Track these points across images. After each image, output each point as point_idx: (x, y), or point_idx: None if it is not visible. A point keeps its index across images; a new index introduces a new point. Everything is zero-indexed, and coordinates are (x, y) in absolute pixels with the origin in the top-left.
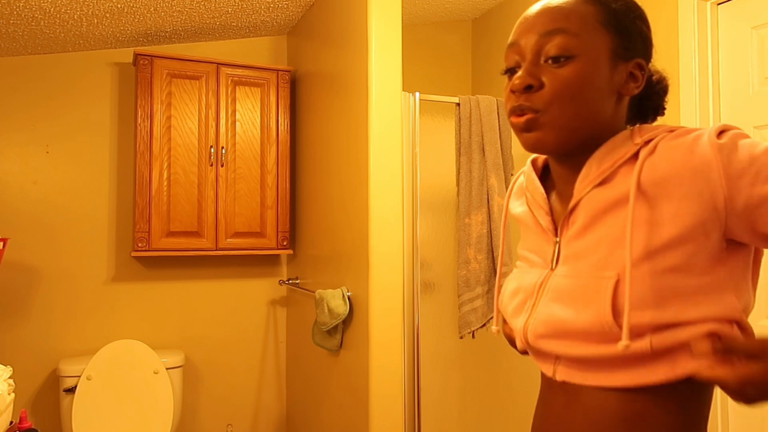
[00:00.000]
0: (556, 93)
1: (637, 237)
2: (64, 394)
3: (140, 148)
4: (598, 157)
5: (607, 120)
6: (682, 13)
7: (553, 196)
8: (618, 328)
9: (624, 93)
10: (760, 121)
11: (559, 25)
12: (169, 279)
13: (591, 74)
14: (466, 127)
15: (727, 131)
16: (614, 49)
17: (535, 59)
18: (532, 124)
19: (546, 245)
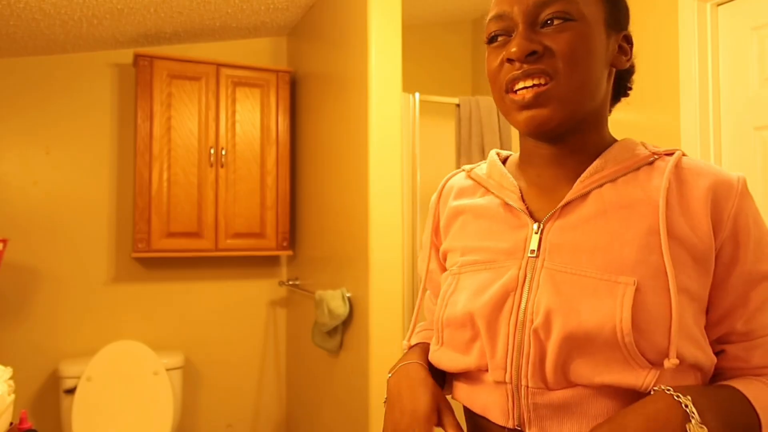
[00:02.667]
0: (566, 56)
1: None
2: (65, 394)
3: (140, 149)
4: (612, 155)
5: (602, 95)
6: (682, 13)
7: (523, 183)
8: (633, 345)
9: (616, 65)
10: (760, 122)
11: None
12: (169, 280)
13: (593, 39)
14: (466, 128)
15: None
16: (607, 18)
17: (529, 28)
18: (541, 97)
19: (510, 230)
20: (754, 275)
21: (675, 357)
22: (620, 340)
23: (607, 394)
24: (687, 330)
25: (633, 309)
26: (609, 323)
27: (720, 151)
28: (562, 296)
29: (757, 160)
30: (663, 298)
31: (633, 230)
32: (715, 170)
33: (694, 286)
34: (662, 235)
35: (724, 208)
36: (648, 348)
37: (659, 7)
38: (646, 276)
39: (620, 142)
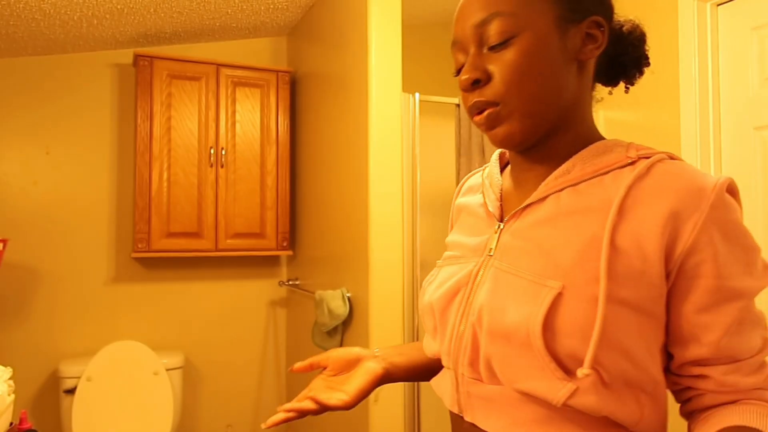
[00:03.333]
0: (506, 79)
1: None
2: (64, 395)
3: (140, 149)
4: (582, 157)
5: (572, 93)
6: (682, 13)
7: (508, 184)
8: (543, 348)
9: (583, 58)
10: (760, 122)
11: (492, 9)
12: (169, 280)
13: (538, 48)
14: (465, 128)
15: (733, 193)
16: (559, 15)
17: (477, 51)
18: (494, 119)
19: (486, 229)
20: (724, 293)
21: (589, 367)
22: (532, 342)
23: (534, 400)
24: (618, 343)
25: (551, 313)
26: (524, 324)
27: (720, 151)
28: (497, 295)
29: (757, 160)
30: (592, 306)
31: (577, 237)
32: (690, 177)
33: (640, 300)
34: (604, 244)
35: (687, 220)
36: (565, 355)
37: (659, 7)
38: (577, 282)
39: (596, 144)
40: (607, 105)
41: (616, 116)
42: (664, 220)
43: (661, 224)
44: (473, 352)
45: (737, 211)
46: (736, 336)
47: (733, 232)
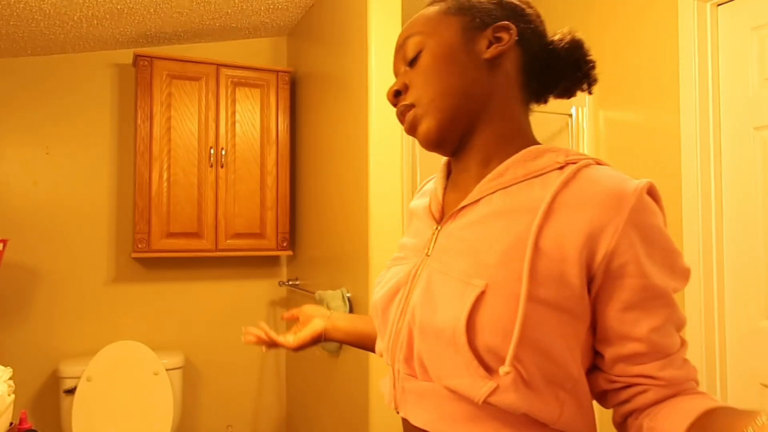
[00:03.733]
0: (419, 83)
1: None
2: (64, 395)
3: (140, 149)
4: (515, 162)
5: (484, 91)
6: (682, 13)
7: (450, 188)
8: (466, 345)
9: (488, 56)
10: (760, 122)
11: (407, 34)
12: (169, 280)
13: (442, 51)
14: None
15: (654, 197)
16: (463, 26)
17: (403, 70)
18: (413, 120)
19: (427, 230)
20: (648, 291)
21: (509, 365)
22: (457, 340)
23: (461, 398)
24: (538, 341)
25: (474, 310)
26: (451, 322)
27: (720, 151)
28: (430, 294)
29: (757, 160)
30: (513, 304)
31: (504, 237)
32: (612, 182)
33: (561, 300)
34: (529, 244)
35: (608, 223)
36: (487, 352)
37: (659, 7)
38: (499, 281)
39: (529, 149)
40: (607, 105)
41: (616, 116)
42: (585, 225)
43: (582, 229)
44: (408, 348)
45: (657, 215)
46: (664, 332)
47: (653, 235)
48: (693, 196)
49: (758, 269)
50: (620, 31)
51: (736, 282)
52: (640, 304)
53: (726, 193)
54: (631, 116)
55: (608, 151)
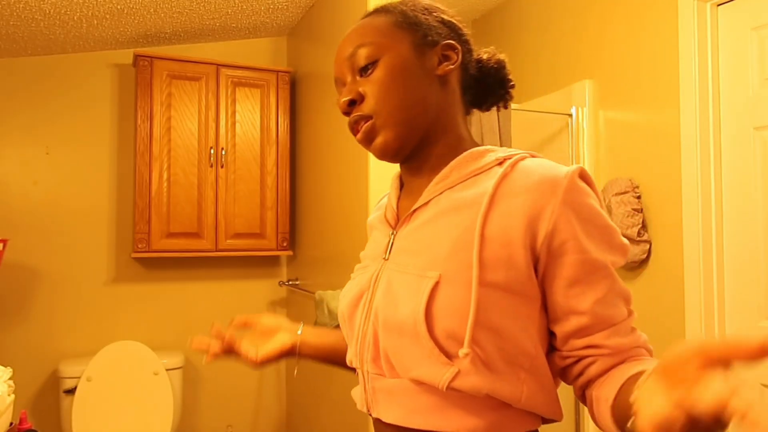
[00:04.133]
0: (376, 95)
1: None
2: (64, 395)
3: (140, 149)
4: (458, 164)
5: (437, 105)
6: (682, 13)
7: (403, 196)
8: (426, 334)
9: (441, 73)
10: (760, 122)
11: (357, 42)
12: (169, 280)
13: (399, 65)
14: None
15: (586, 180)
16: (415, 42)
17: (352, 78)
18: (370, 131)
19: (384, 237)
20: (588, 265)
21: (467, 347)
22: (418, 330)
23: (428, 389)
24: (492, 323)
25: (431, 300)
26: (412, 315)
27: (720, 151)
28: (390, 293)
29: (757, 160)
30: (466, 290)
31: (452, 230)
32: (546, 170)
33: (510, 282)
34: (476, 233)
35: (545, 206)
36: (446, 338)
37: (659, 7)
38: (452, 270)
39: (470, 151)
40: (607, 105)
41: (616, 116)
42: (525, 210)
43: (524, 213)
44: (375, 348)
45: (590, 195)
46: (608, 303)
47: (588, 213)
48: (693, 196)
49: (758, 269)
50: (620, 31)
51: (736, 282)
52: (582, 278)
53: (726, 193)
54: (631, 116)
55: (608, 151)
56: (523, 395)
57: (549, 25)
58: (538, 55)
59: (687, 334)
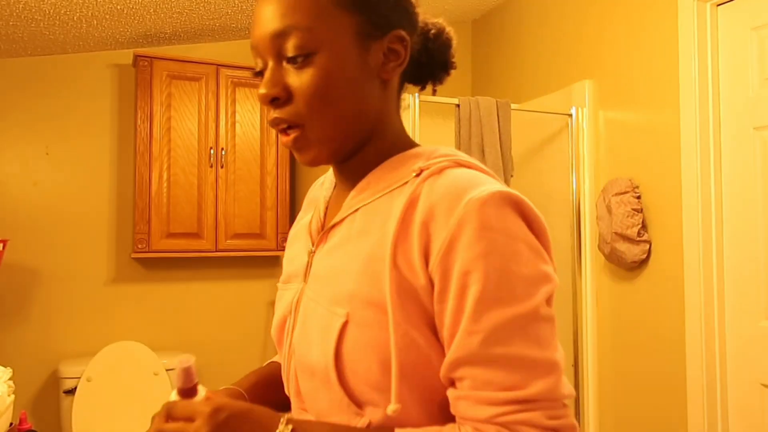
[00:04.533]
0: (308, 102)
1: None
2: (64, 395)
3: (140, 150)
4: (376, 175)
5: (376, 109)
6: (682, 14)
7: (332, 201)
8: (337, 383)
9: (386, 77)
10: (760, 122)
11: (288, 21)
12: (169, 280)
13: (338, 68)
14: (465, 129)
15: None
16: (360, 30)
17: (275, 63)
18: (300, 143)
19: (303, 254)
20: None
21: (396, 402)
22: (329, 375)
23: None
24: (410, 368)
25: (340, 342)
26: (323, 358)
27: (720, 151)
28: (305, 329)
29: (756, 160)
30: (380, 331)
31: (359, 258)
32: (449, 189)
33: (424, 316)
34: (387, 264)
35: (435, 237)
36: (357, 386)
37: (659, 7)
38: (359, 308)
39: (393, 158)
40: (607, 105)
41: (616, 116)
42: (420, 233)
43: (419, 239)
44: (296, 384)
45: (495, 229)
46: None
47: (484, 248)
48: (693, 196)
49: (758, 270)
50: (620, 31)
51: (736, 282)
52: (455, 329)
53: (726, 193)
54: (631, 116)
55: (608, 151)
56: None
57: (549, 25)
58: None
59: (687, 334)
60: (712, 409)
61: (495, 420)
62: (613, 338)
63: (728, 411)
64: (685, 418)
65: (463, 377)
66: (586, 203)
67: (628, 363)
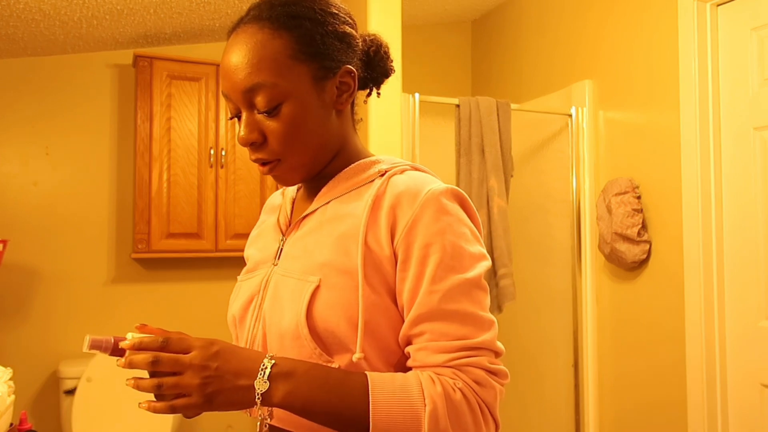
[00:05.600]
0: (281, 142)
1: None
2: (65, 395)
3: (140, 150)
4: (345, 176)
5: (336, 134)
6: (682, 14)
7: (298, 201)
8: (309, 338)
9: (341, 108)
10: (760, 122)
11: (256, 79)
12: (169, 280)
13: (303, 111)
14: (465, 129)
15: (458, 201)
16: (315, 75)
17: (249, 115)
18: (277, 172)
19: (273, 243)
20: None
21: (360, 351)
22: (300, 331)
23: None
24: (372, 325)
25: (312, 303)
26: (295, 317)
27: (720, 151)
28: (277, 298)
29: (757, 160)
30: (348, 293)
31: (333, 236)
32: (411, 183)
33: (385, 284)
34: (360, 239)
35: (401, 218)
36: (327, 338)
37: (659, 7)
38: (332, 275)
39: (357, 164)
40: (607, 105)
41: (616, 116)
42: (387, 218)
43: (386, 222)
44: (264, 351)
45: (450, 213)
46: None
47: (439, 228)
48: (693, 196)
49: (758, 269)
50: (620, 32)
51: (736, 282)
52: (410, 297)
53: (726, 193)
54: (631, 116)
55: (608, 151)
56: None
57: (549, 26)
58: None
59: (687, 334)
60: (712, 408)
61: (449, 363)
62: (613, 338)
63: (728, 411)
64: (685, 418)
65: (423, 332)
66: (586, 203)
67: (628, 363)
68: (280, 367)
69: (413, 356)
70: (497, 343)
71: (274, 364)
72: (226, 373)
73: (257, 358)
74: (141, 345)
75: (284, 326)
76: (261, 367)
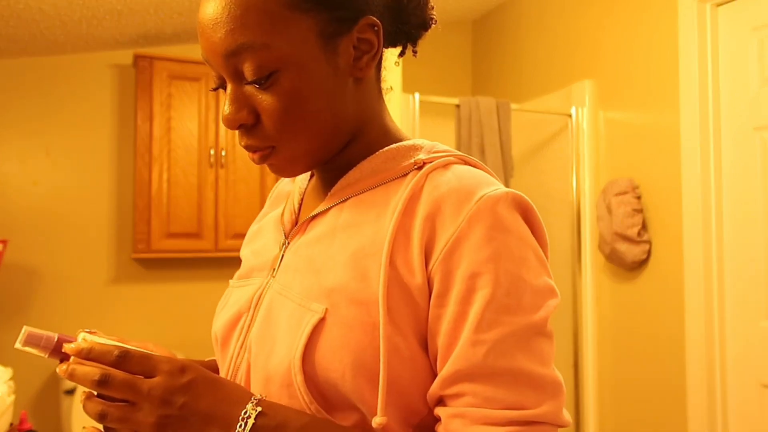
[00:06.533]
0: (276, 123)
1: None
2: (65, 395)
3: (140, 150)
4: (370, 165)
5: (353, 110)
6: (682, 14)
7: (308, 193)
8: (304, 386)
9: (360, 75)
10: (760, 122)
11: (240, 39)
12: (169, 280)
13: (305, 82)
14: (466, 129)
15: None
16: (323, 30)
17: (235, 86)
18: (270, 159)
19: (273, 246)
20: (464, 320)
21: (381, 415)
22: (293, 378)
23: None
24: (397, 381)
25: (313, 342)
26: (287, 358)
27: (720, 151)
28: (268, 323)
29: (757, 160)
30: (361, 333)
31: (348, 251)
32: (457, 184)
33: (415, 323)
34: (383, 259)
35: (441, 233)
36: (334, 397)
37: (659, 8)
38: (343, 304)
39: (386, 149)
40: (607, 105)
41: (616, 116)
42: (423, 230)
43: (421, 236)
44: (247, 387)
45: (510, 231)
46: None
47: (494, 251)
48: (693, 196)
49: (758, 269)
50: (620, 32)
51: (736, 282)
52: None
53: (726, 193)
54: (631, 116)
55: (608, 151)
56: None
57: (549, 25)
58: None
59: (687, 334)
60: (713, 409)
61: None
62: (613, 338)
63: (728, 411)
64: (686, 418)
65: (462, 393)
66: (586, 203)
67: (628, 363)
68: (268, 418)
69: (445, 423)
70: (563, 414)
71: (260, 412)
72: (192, 415)
73: (239, 399)
74: (90, 353)
75: (272, 367)
76: (242, 415)
